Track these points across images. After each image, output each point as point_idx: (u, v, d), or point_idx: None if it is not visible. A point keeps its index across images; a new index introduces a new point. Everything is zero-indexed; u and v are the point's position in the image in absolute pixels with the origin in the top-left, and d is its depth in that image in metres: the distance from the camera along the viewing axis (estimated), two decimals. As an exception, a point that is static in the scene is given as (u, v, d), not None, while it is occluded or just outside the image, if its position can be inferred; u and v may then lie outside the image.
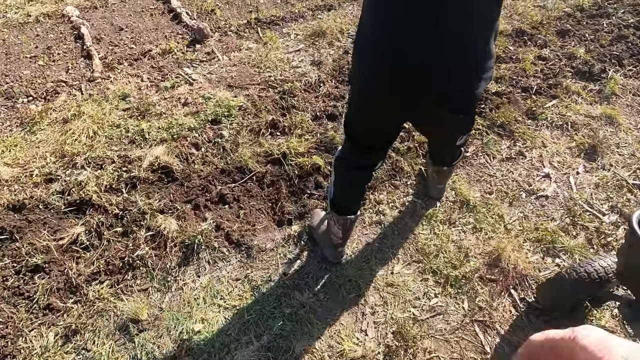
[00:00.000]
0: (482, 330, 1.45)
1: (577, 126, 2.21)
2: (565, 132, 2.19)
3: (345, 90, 2.57)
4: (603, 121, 2.23)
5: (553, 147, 2.11)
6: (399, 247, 1.72)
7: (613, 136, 2.15)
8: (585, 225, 1.74)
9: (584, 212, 1.79)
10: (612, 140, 2.12)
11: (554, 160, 2.05)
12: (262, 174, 2.02)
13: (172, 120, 2.38)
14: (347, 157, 1.36)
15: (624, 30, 2.98)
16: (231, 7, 3.72)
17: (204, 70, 2.87)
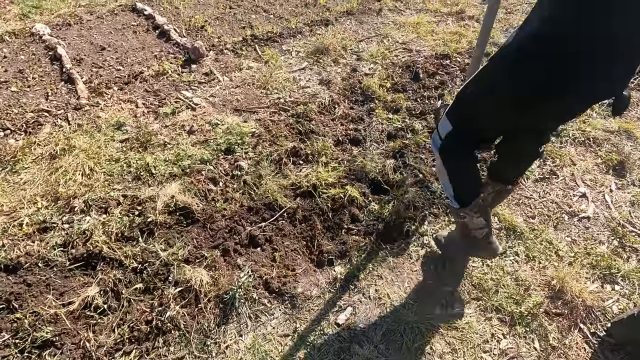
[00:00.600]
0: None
1: (598, 141, 2.22)
2: (589, 148, 2.20)
3: (360, 111, 2.46)
4: (623, 136, 2.26)
5: (582, 165, 2.10)
6: (454, 283, 1.61)
7: (635, 151, 2.18)
8: (634, 247, 1.72)
9: (629, 233, 1.77)
10: (635, 155, 2.14)
11: (586, 179, 2.04)
12: (293, 210, 1.85)
13: (179, 152, 2.16)
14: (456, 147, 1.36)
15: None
16: (222, 23, 3.52)
17: (205, 93, 2.66)
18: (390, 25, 3.45)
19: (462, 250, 1.60)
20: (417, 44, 3.19)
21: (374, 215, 1.83)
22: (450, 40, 3.19)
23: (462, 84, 1.37)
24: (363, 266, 1.66)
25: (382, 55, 3.01)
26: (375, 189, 1.96)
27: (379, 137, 2.25)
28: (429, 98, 2.55)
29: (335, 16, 3.58)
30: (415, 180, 1.98)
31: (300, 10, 3.75)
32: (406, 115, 2.42)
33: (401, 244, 1.75)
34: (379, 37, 3.30)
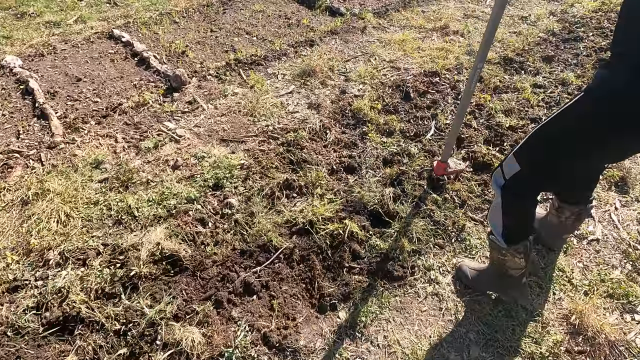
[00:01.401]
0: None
1: (597, 157, 2.18)
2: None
3: (353, 136, 2.37)
4: (620, 150, 2.22)
5: (584, 182, 2.04)
6: (466, 323, 1.50)
7: (635, 165, 2.14)
8: (648, 269, 1.66)
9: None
10: (636, 170, 2.10)
11: (589, 197, 1.98)
12: (289, 250, 1.72)
13: (163, 190, 2.02)
14: (522, 188, 1.29)
15: (600, 53, 3.11)
16: (204, 48, 3.42)
17: (189, 123, 2.53)
18: (376, 43, 3.41)
19: (493, 288, 1.56)
20: (404, 61, 3.14)
21: (376, 251, 1.72)
22: (437, 56, 3.16)
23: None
24: (368, 309, 1.54)
25: (371, 75, 2.94)
26: (376, 221, 1.85)
27: (374, 163, 2.16)
28: (422, 118, 2.48)
29: (319, 36, 3.52)
30: (417, 210, 1.88)
31: (283, 31, 3.68)
32: (400, 137, 2.34)
33: (407, 281, 1.64)
34: (366, 56, 3.25)
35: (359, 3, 4.24)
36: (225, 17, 3.93)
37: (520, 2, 4.12)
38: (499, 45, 3.35)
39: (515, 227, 1.35)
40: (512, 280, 1.45)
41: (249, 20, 3.87)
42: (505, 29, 3.60)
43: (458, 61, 3.07)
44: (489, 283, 1.55)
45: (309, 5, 4.17)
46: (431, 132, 2.36)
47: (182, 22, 3.84)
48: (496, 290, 1.56)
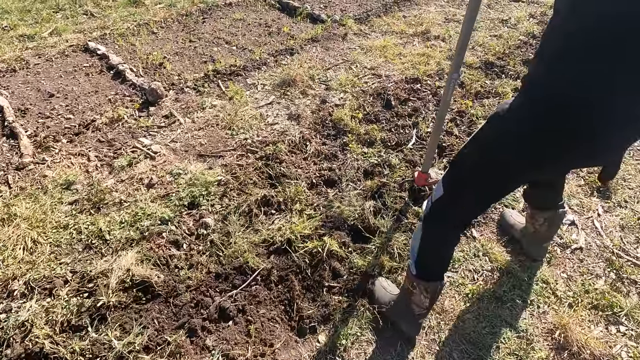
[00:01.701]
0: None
1: (579, 162, 2.16)
2: (572, 170, 2.13)
3: (333, 147, 2.32)
4: (602, 154, 2.21)
5: (566, 188, 2.02)
6: (449, 342, 1.45)
7: (616, 169, 2.12)
8: (631, 278, 1.63)
9: (625, 264, 1.68)
10: (618, 174, 2.09)
11: (572, 204, 1.95)
12: (267, 271, 1.66)
13: (137, 210, 1.94)
14: (443, 214, 1.20)
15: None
16: (182, 59, 3.35)
17: (165, 138, 2.46)
18: (357, 50, 3.38)
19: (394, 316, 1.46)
20: (385, 68, 3.11)
21: (356, 269, 1.67)
22: (419, 62, 3.13)
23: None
24: (348, 331, 1.48)
25: (352, 83, 2.91)
26: (356, 237, 1.80)
27: (355, 175, 2.11)
28: (403, 127, 2.44)
29: (300, 44, 3.48)
30: (398, 224, 1.84)
31: (263, 39, 3.63)
32: (381, 147, 2.30)
33: (389, 300, 1.59)
34: (347, 63, 3.21)
35: (340, 9, 4.21)
36: (205, 27, 3.86)
37: (500, 5, 4.13)
38: (480, 49, 3.35)
39: (430, 262, 1.28)
40: (410, 314, 1.37)
41: (228, 30, 3.81)
42: (485, 32, 3.59)
43: (439, 66, 3.05)
44: (393, 311, 1.46)
45: (290, 12, 4.13)
46: (412, 141, 2.33)
47: (161, 33, 3.76)
48: (395, 319, 1.46)
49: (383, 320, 1.49)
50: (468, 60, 3.14)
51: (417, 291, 1.32)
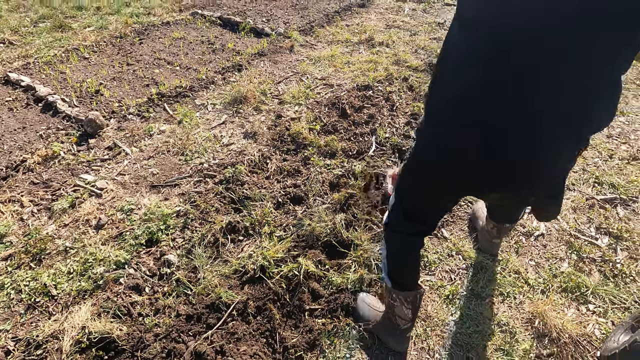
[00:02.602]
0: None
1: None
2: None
3: (295, 162, 2.26)
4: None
5: (520, 179, 2.12)
6: (439, 348, 1.44)
7: (560, 155, 2.28)
8: (591, 257, 1.74)
9: (583, 244, 1.79)
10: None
11: (528, 193, 2.06)
12: (242, 304, 1.55)
13: (86, 257, 1.74)
14: (398, 222, 1.19)
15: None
16: (121, 84, 3.12)
17: (111, 172, 2.25)
18: (306, 61, 3.37)
19: (380, 333, 1.44)
20: (336, 77, 3.13)
21: (336, 287, 1.62)
22: (367, 69, 3.19)
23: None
24: (338, 354, 1.42)
25: (305, 94, 2.88)
26: (331, 253, 1.75)
27: (321, 189, 2.07)
28: (362, 135, 2.45)
29: (247, 59, 3.40)
30: (371, 234, 1.81)
31: (208, 57, 3.50)
32: (343, 158, 2.28)
33: (373, 314, 1.55)
34: (297, 75, 3.18)
35: (283, 22, 4.20)
36: (143, 48, 3.65)
37: (434, 10, 4.35)
38: (423, 52, 3.48)
39: (400, 271, 1.26)
40: (396, 329, 1.36)
41: (169, 49, 3.63)
42: (425, 36, 3.76)
43: (387, 72, 3.12)
44: (378, 328, 1.44)
45: (233, 28, 4.04)
46: (373, 148, 2.34)
47: (93, 58, 3.49)
48: (382, 336, 1.44)
49: (370, 337, 1.45)
50: (413, 64, 3.25)
51: (398, 303, 1.29)
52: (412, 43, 3.63)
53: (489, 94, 0.85)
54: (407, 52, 3.46)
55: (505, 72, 0.81)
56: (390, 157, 2.28)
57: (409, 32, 3.84)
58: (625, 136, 2.44)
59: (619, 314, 1.53)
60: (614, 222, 1.89)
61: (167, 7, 4.64)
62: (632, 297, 1.58)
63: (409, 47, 3.58)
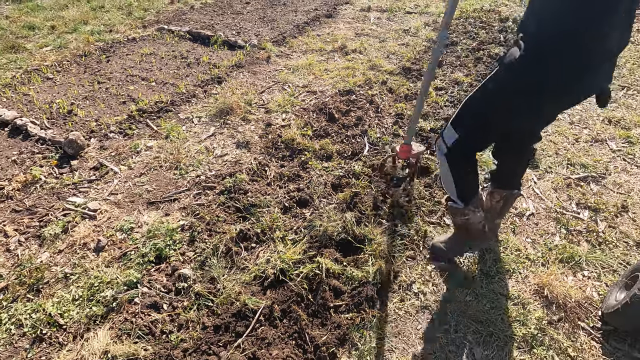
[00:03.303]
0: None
1: (505, 141, 2.49)
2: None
3: (293, 167, 2.29)
4: (520, 131, 2.58)
5: (504, 166, 2.30)
6: (461, 327, 1.52)
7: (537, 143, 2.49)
8: (577, 229, 1.92)
9: (568, 219, 1.97)
10: (539, 146, 2.46)
11: (513, 178, 2.23)
12: (268, 308, 1.55)
13: (91, 281, 1.65)
14: (462, 154, 1.46)
15: (476, 53, 3.62)
16: (95, 102, 2.99)
17: (102, 192, 2.15)
18: (284, 70, 3.42)
19: (465, 248, 1.74)
20: (317, 84, 3.21)
21: (357, 281, 1.66)
22: (346, 75, 3.30)
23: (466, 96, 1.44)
24: (369, 347, 1.46)
25: (290, 102, 2.92)
26: (346, 250, 1.79)
27: (324, 190, 2.11)
28: (354, 137, 2.53)
29: (225, 71, 3.39)
30: (381, 228, 1.88)
31: (184, 71, 3.45)
32: (340, 159, 2.34)
33: (395, 304, 1.61)
34: (279, 84, 3.23)
35: (254, 34, 4.24)
36: (112, 66, 3.52)
37: (397, 17, 4.60)
38: (394, 57, 3.67)
39: (466, 186, 1.54)
40: (477, 232, 1.63)
41: (141, 66, 3.53)
42: (394, 42, 3.96)
43: (366, 77, 3.25)
44: (460, 245, 1.71)
45: (204, 42, 4.01)
46: (367, 148, 2.42)
47: (58, 78, 3.32)
48: (467, 250, 1.75)
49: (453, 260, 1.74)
50: (388, 68, 3.41)
51: (470, 214, 1.56)
52: (383, 49, 3.81)
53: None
54: (380, 57, 3.63)
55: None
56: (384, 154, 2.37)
57: (378, 39, 4.03)
58: (584, 122, 2.72)
59: (610, 276, 1.70)
60: (590, 197, 2.10)
61: (129, 24, 4.51)
62: (617, 260, 1.77)
63: (381, 53, 3.75)
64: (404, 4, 4.98)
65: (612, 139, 2.55)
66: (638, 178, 2.24)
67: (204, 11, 4.94)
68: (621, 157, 2.39)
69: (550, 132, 2.61)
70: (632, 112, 2.81)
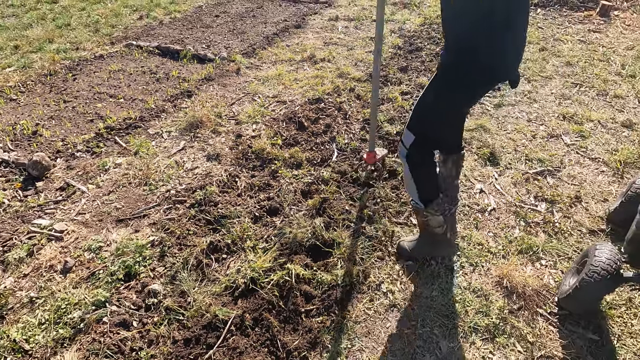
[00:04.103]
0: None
1: (468, 140, 2.60)
2: (464, 148, 2.54)
3: (264, 177, 2.32)
4: (481, 130, 2.70)
5: (466, 164, 2.40)
6: (428, 322, 1.58)
7: (495, 140, 2.62)
8: (535, 221, 2.02)
9: (527, 211, 2.08)
10: (497, 144, 2.58)
11: (475, 175, 2.33)
12: (239, 318, 1.56)
13: (58, 304, 1.63)
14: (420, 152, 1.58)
15: (440, 58, 3.77)
16: (61, 122, 2.95)
17: (69, 212, 2.13)
18: (254, 82, 3.46)
19: (427, 251, 1.81)
20: (287, 94, 3.26)
21: (327, 285, 1.69)
22: (315, 84, 3.37)
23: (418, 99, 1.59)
24: (340, 348, 1.49)
25: (260, 113, 2.96)
26: (316, 255, 1.83)
27: (294, 198, 2.15)
28: (322, 144, 2.59)
29: (195, 85, 3.41)
30: (350, 231, 1.93)
31: (153, 87, 3.44)
32: (309, 166, 2.39)
33: (364, 304, 1.65)
34: (249, 95, 3.26)
35: (224, 47, 4.27)
36: (79, 84, 3.48)
37: (364, 26, 4.73)
38: (362, 64, 3.77)
39: (426, 189, 1.65)
40: (440, 237, 1.74)
41: (108, 82, 3.51)
42: (361, 50, 4.06)
43: (334, 84, 3.33)
44: (424, 248, 1.80)
45: (173, 56, 4.01)
46: (335, 154, 2.48)
47: (22, 98, 3.26)
48: (430, 252, 1.82)
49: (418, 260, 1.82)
50: (355, 76, 3.50)
51: (430, 216, 1.66)
52: (350, 57, 3.91)
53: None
54: (348, 65, 3.72)
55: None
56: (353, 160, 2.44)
57: (346, 47, 4.13)
58: (541, 119, 2.87)
59: (565, 264, 1.80)
60: (547, 189, 2.22)
61: (96, 41, 4.47)
62: (572, 248, 1.87)
63: (349, 60, 3.85)
64: (370, 12, 5.12)
65: (566, 134, 2.70)
66: (590, 170, 2.38)
67: (173, 26, 4.94)
68: (575, 151, 2.53)
69: (510, 130, 2.74)
70: (584, 107, 2.98)
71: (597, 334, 1.53)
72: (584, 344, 1.50)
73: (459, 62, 1.42)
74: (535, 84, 3.33)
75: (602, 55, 3.75)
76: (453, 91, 1.48)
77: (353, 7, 5.32)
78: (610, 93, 3.15)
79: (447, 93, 1.49)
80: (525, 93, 3.19)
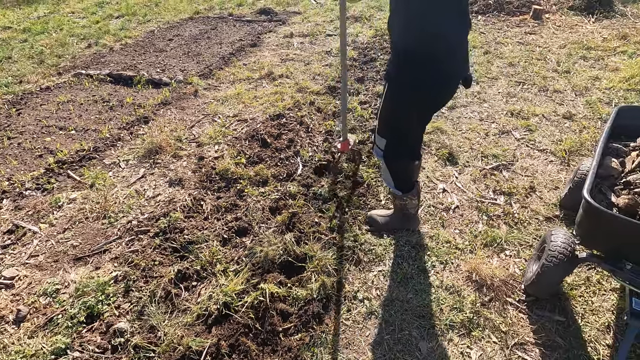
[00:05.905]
0: (522, 350, 1.50)
1: (427, 143, 2.70)
2: (424, 150, 2.64)
3: (230, 197, 2.28)
4: (438, 132, 2.81)
5: (427, 166, 2.49)
6: (405, 324, 1.59)
7: (452, 141, 2.73)
8: (496, 214, 2.11)
9: (488, 206, 2.17)
10: (454, 144, 2.69)
11: (437, 176, 2.41)
12: (214, 347, 1.50)
13: (13, 358, 1.49)
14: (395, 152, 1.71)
15: (392, 66, 3.91)
16: (5, 160, 2.76)
17: (20, 256, 1.98)
18: (213, 102, 3.43)
19: (398, 225, 1.99)
20: (247, 112, 3.25)
21: (302, 300, 1.67)
22: (275, 100, 3.38)
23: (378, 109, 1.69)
24: (321, 362, 1.46)
25: (221, 133, 2.93)
26: (289, 271, 1.81)
27: (262, 215, 2.12)
28: (287, 159, 2.59)
29: (151, 110, 3.32)
30: (321, 243, 1.92)
31: (106, 115, 3.31)
32: (276, 182, 2.38)
33: (342, 314, 1.64)
34: (208, 117, 3.22)
35: (180, 70, 4.20)
36: (24, 119, 3.29)
37: (319, 41, 4.84)
38: (320, 78, 3.84)
39: (403, 180, 1.81)
40: (411, 216, 1.95)
41: (57, 115, 3.34)
42: (318, 64, 4.14)
43: (294, 99, 3.36)
44: (395, 223, 1.98)
45: (126, 83, 3.90)
46: (300, 168, 2.49)
47: (-40, 139, 3.02)
48: (400, 227, 1.99)
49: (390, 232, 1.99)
50: (315, 89, 3.56)
51: (408, 201, 1.85)
52: (308, 72, 3.97)
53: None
54: (306, 80, 3.78)
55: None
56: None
57: (303, 62, 4.20)
58: (492, 117, 3.04)
59: (528, 252, 1.89)
60: (504, 183, 2.34)
61: (41, 72, 4.26)
62: (532, 236, 1.97)
63: (307, 75, 3.91)
64: (324, 27, 5.26)
65: (515, 129, 2.87)
66: (540, 161, 2.54)
67: (125, 52, 4.81)
68: (525, 144, 2.70)
69: (464, 130, 2.88)
70: (529, 104, 3.20)
71: (563, 315, 1.60)
72: (552, 326, 1.57)
73: (400, 67, 1.51)
74: (483, 85, 3.53)
75: (539, 54, 4.06)
76: (404, 96, 1.55)
77: (306, 23, 5.44)
78: (550, 88, 3.40)
79: (398, 98, 1.56)
80: (475, 94, 3.37)
